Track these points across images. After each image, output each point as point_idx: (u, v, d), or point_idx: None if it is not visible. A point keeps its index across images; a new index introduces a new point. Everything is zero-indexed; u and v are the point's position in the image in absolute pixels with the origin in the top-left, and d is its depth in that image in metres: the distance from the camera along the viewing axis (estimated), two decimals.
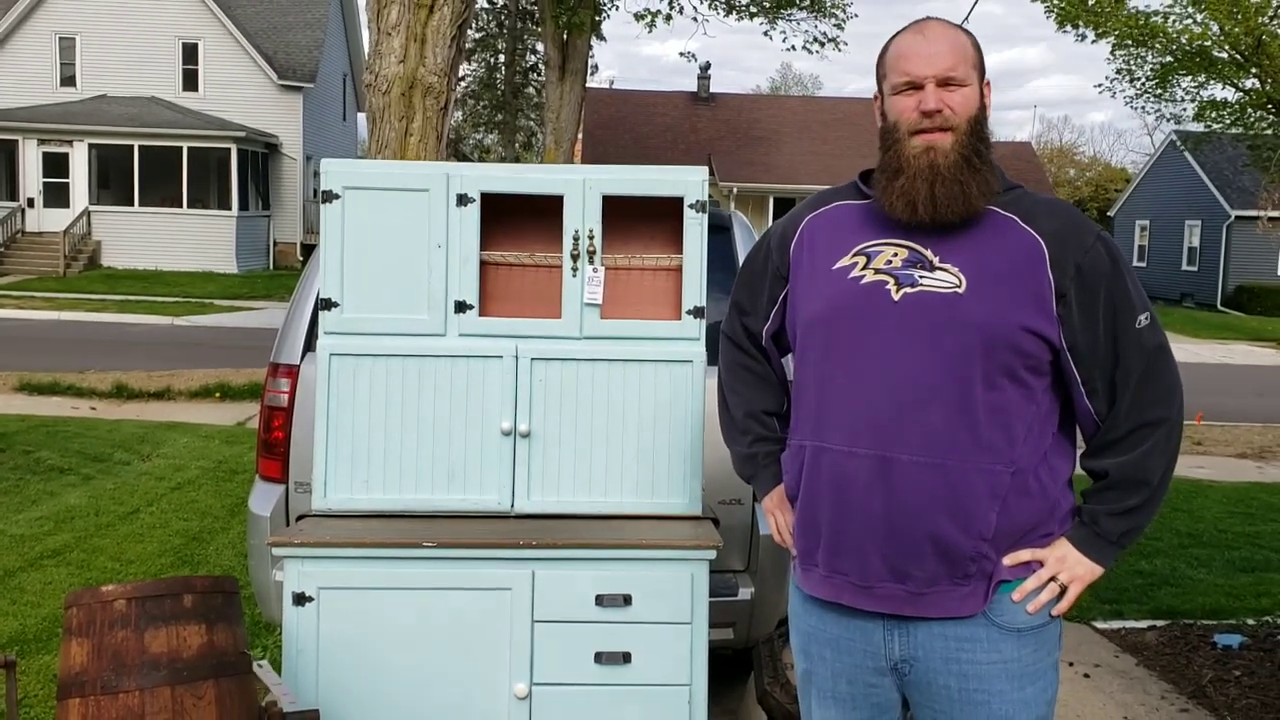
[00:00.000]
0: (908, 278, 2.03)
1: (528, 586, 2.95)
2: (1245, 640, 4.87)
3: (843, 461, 2.04)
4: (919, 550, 2.00)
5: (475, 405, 3.21)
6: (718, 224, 4.12)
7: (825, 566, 2.10)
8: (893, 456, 1.99)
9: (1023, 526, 2.02)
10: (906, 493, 1.99)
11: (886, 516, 2.00)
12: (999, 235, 2.03)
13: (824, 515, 2.08)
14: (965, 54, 2.05)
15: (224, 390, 11.48)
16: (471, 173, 3.20)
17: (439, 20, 6.25)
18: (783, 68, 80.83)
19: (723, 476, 3.93)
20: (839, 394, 2.06)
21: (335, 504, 3.20)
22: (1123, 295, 2.02)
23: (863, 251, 2.09)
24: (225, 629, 2.56)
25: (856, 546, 2.04)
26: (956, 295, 1.99)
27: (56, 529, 6.39)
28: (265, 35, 29.49)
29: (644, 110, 34.57)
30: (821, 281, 2.11)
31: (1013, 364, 1.98)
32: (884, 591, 2.04)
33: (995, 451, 1.98)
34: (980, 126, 2.05)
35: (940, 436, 1.98)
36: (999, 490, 1.98)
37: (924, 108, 2.02)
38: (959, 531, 1.98)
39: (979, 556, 2.00)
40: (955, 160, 2.01)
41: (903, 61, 2.05)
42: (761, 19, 22.31)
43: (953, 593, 2.02)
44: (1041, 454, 2.04)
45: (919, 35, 2.06)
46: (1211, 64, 20.88)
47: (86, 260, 26.65)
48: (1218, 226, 32.77)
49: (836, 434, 2.05)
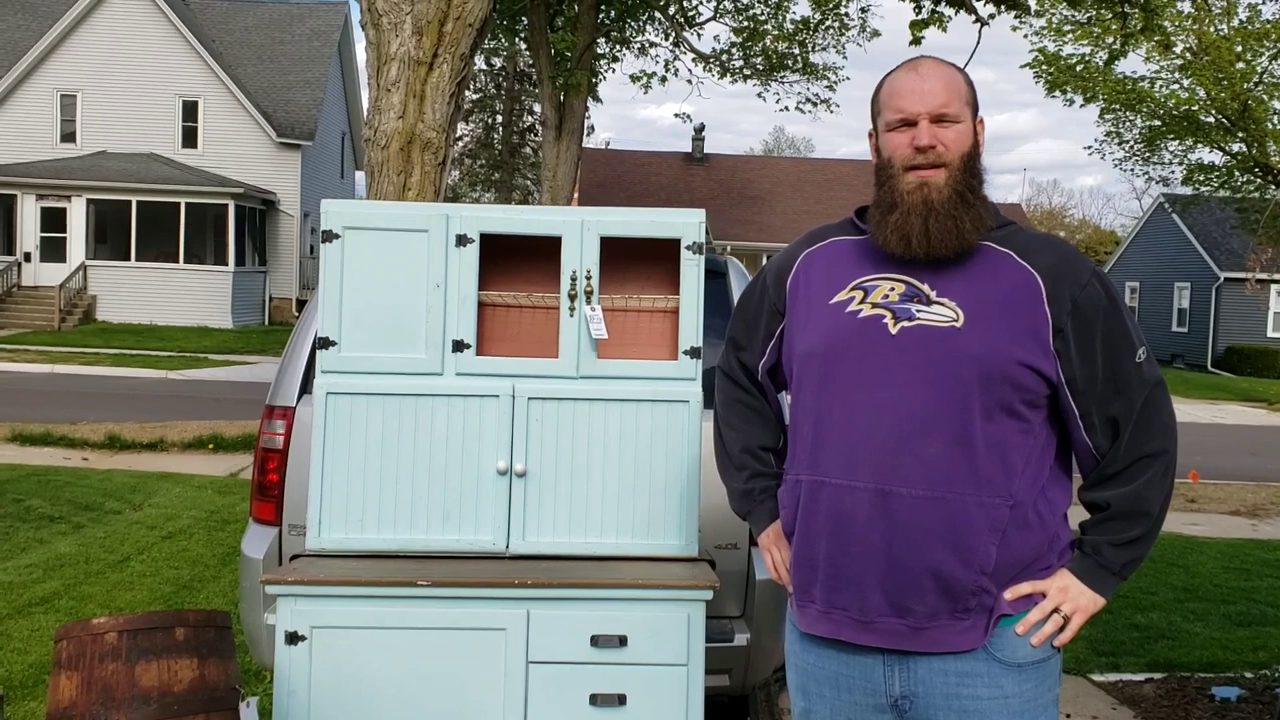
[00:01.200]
0: (905, 311, 2.04)
1: (522, 627, 2.93)
2: (1243, 693, 4.83)
3: (841, 495, 2.03)
4: (920, 584, 1.99)
5: (472, 445, 3.21)
6: (713, 269, 4.15)
7: (823, 602, 2.09)
8: (891, 490, 1.99)
9: (1022, 560, 2.02)
10: (906, 526, 1.98)
11: (887, 550, 2.00)
12: (995, 270, 2.04)
13: (821, 550, 2.07)
14: (958, 91, 2.08)
15: (217, 442, 11.44)
16: (471, 213, 3.23)
17: (438, 77, 6.33)
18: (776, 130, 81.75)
19: (719, 521, 3.92)
20: (836, 427, 2.06)
21: (330, 543, 3.19)
22: (1120, 330, 2.03)
23: (860, 286, 2.10)
24: (217, 663, 2.54)
25: (856, 581, 2.03)
26: (954, 329, 2.00)
27: (45, 576, 6.33)
28: (265, 93, 29.81)
29: (639, 170, 34.91)
30: (818, 316, 2.12)
31: (1010, 398, 1.99)
32: (884, 626, 2.03)
33: (994, 485, 1.98)
34: (973, 162, 2.08)
35: (939, 470, 1.98)
36: (998, 523, 1.98)
37: (917, 143, 2.04)
38: (960, 565, 1.98)
39: (979, 590, 1.99)
40: (949, 195, 2.03)
41: (896, 98, 2.08)
42: (755, 81, 22.63)
43: (953, 626, 2.01)
44: (1039, 487, 2.04)
45: (913, 72, 2.09)
46: (1199, 128, 21.19)
47: (82, 314, 26.66)
48: (1207, 288, 33.00)
49: (834, 467, 2.05)
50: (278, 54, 31.20)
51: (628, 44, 22.48)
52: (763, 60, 22.25)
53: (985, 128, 2.16)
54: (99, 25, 28.81)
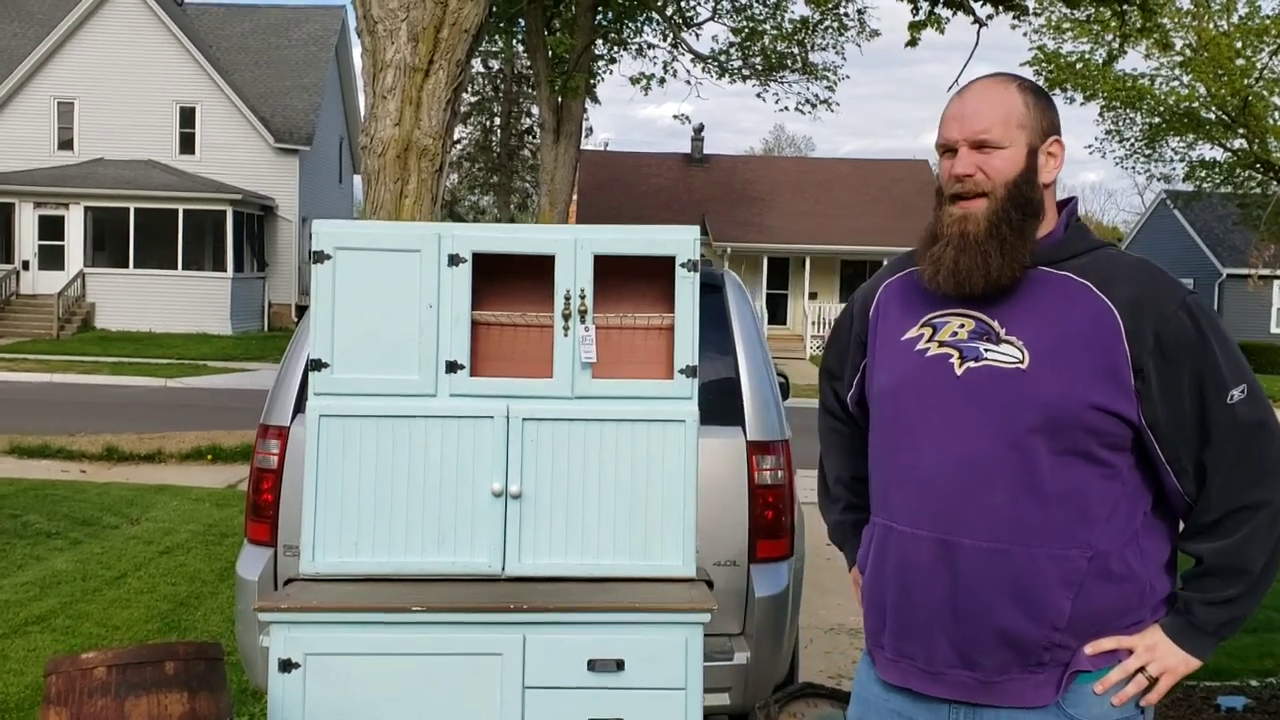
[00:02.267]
0: (972, 351, 1.93)
1: (518, 652, 2.89)
2: (1249, 702, 4.79)
3: (906, 543, 1.96)
4: (987, 639, 1.90)
5: (466, 466, 3.17)
6: (710, 283, 4.11)
7: (892, 650, 2.02)
8: (955, 540, 1.90)
9: (1105, 612, 1.89)
10: (970, 579, 1.89)
11: (952, 603, 1.91)
12: (1070, 303, 1.91)
13: (889, 597, 2.00)
14: (1009, 114, 1.95)
15: (215, 452, 11.40)
16: (463, 233, 3.19)
17: (434, 84, 6.30)
18: (776, 129, 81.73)
19: (717, 538, 3.89)
20: (902, 472, 1.99)
21: (324, 567, 3.15)
22: (1211, 368, 1.87)
23: (929, 323, 2.00)
24: (208, 697, 2.50)
25: (923, 632, 1.96)
26: (1020, 371, 1.88)
27: (42, 594, 6.30)
28: (262, 99, 29.79)
29: (638, 171, 34.88)
30: (890, 353, 2.04)
31: (1086, 442, 1.86)
32: (953, 678, 1.94)
33: (1068, 535, 1.86)
34: (1020, 191, 1.93)
35: (1004, 520, 1.87)
36: (1073, 576, 1.86)
37: (954, 172, 1.95)
38: (1028, 621, 1.87)
39: (1052, 646, 1.89)
40: (985, 229, 1.92)
41: (944, 124, 2.00)
42: (754, 81, 22.61)
43: (1027, 680, 1.91)
44: (1130, 535, 1.91)
45: (960, 97, 2.00)
46: (1199, 125, 21.16)
47: (80, 322, 26.64)
48: (1210, 285, 32.96)
49: (901, 513, 1.98)
50: (274, 59, 31.17)
51: (625, 45, 22.48)
52: (761, 60, 22.24)
53: (1064, 150, 2.02)
54: (95, 32, 28.80)
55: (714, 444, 3.83)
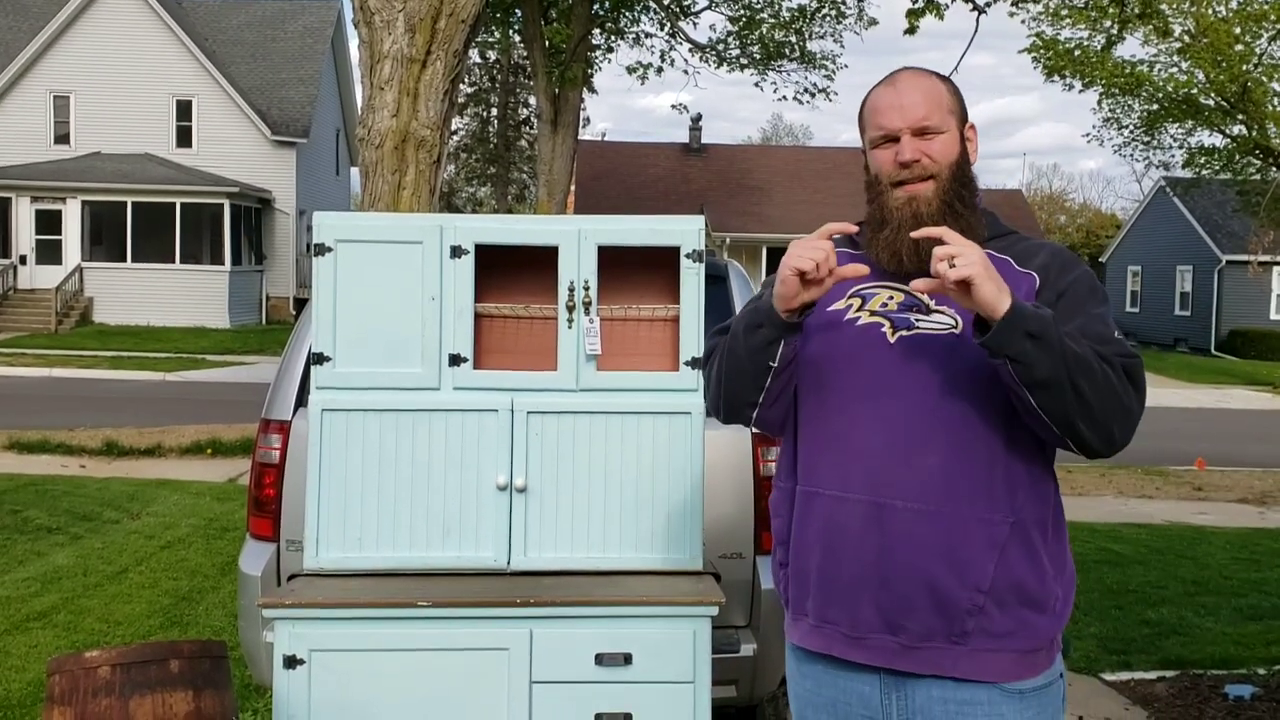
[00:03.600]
0: (903, 320, 1.99)
1: (525, 646, 2.87)
2: (1257, 691, 4.77)
3: (834, 507, 1.99)
4: (913, 600, 1.94)
5: (470, 460, 3.14)
6: (714, 274, 4.08)
7: (815, 616, 2.04)
8: (887, 502, 1.94)
9: (1020, 585, 1.94)
10: (901, 540, 1.93)
11: (879, 565, 1.95)
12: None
13: (814, 562, 2.02)
14: (939, 101, 2.04)
15: (215, 446, 11.38)
16: (465, 224, 3.15)
17: (431, 75, 6.25)
18: (774, 118, 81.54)
19: (723, 531, 3.86)
20: (831, 438, 2.02)
21: (328, 563, 3.12)
22: (1099, 314, 1.96)
23: (857, 294, 2.06)
24: (213, 695, 2.48)
25: (848, 596, 1.99)
26: (954, 336, 1.96)
27: (43, 590, 6.27)
28: (259, 92, 29.69)
29: (636, 162, 34.80)
30: (816, 325, 2.06)
31: (1011, 404, 1.91)
32: (876, 643, 1.98)
33: (993, 500, 1.93)
34: (962, 171, 2.04)
35: (937, 482, 1.93)
36: (996, 540, 1.92)
37: (901, 159, 2.01)
38: (955, 582, 1.92)
39: (975, 610, 1.93)
40: (938, 208, 1.99)
41: (877, 115, 2.06)
42: (752, 70, 22.51)
43: (948, 651, 1.94)
44: (1052, 507, 1.99)
45: (891, 88, 2.07)
46: (1198, 111, 21.09)
47: (79, 317, 26.59)
48: (1209, 271, 32.91)
49: (828, 478, 2.00)
50: (271, 51, 31.07)
51: (622, 35, 22.37)
52: (759, 49, 22.14)
53: (978, 134, 2.11)
54: (91, 26, 28.69)
55: (719, 435, 3.80)
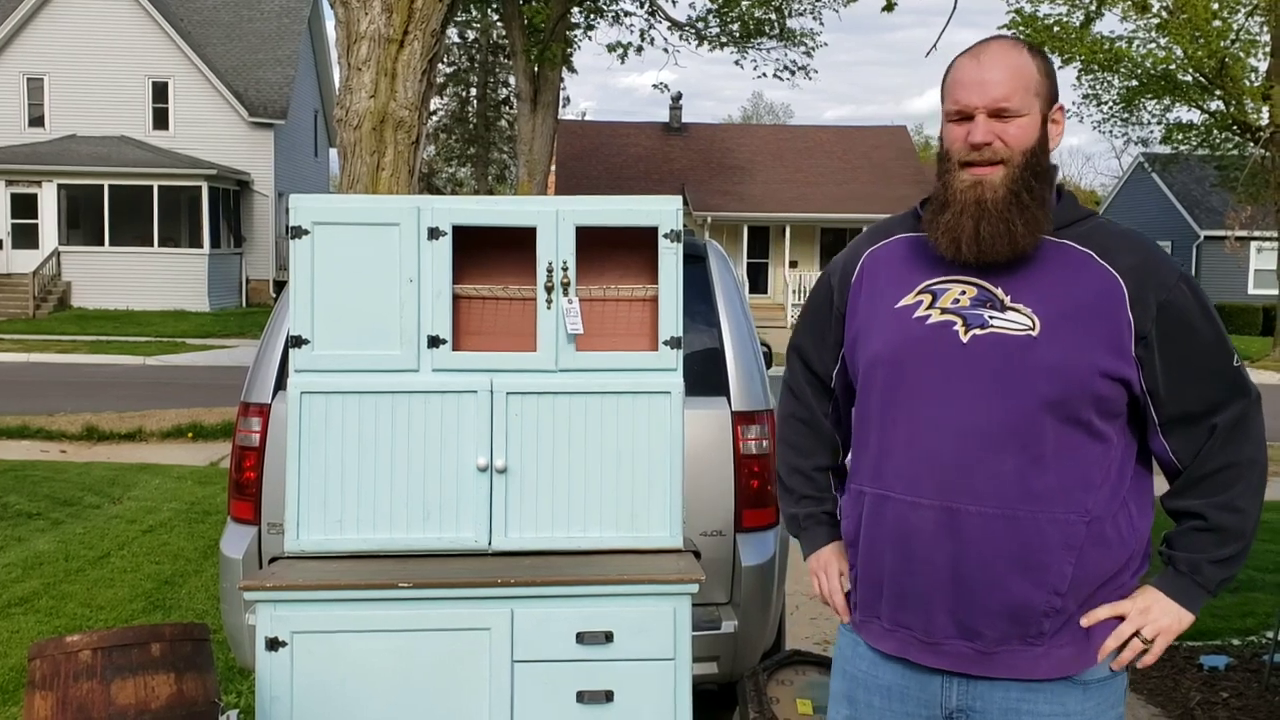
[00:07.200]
0: (977, 318, 1.91)
1: (507, 626, 2.89)
2: (1231, 661, 4.84)
3: (906, 512, 1.94)
4: (988, 608, 1.90)
5: (450, 441, 3.15)
6: (693, 253, 4.09)
7: (889, 620, 2.01)
8: (959, 508, 1.89)
9: (1099, 576, 1.92)
10: (975, 546, 1.88)
11: (953, 571, 1.91)
12: (1075, 272, 1.91)
13: (886, 567, 1.98)
14: (1026, 80, 1.91)
15: (196, 430, 11.34)
16: (443, 205, 3.15)
17: (409, 55, 6.22)
18: (754, 97, 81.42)
19: (704, 508, 3.89)
20: (901, 440, 1.96)
21: (309, 545, 3.13)
22: (1214, 339, 1.93)
23: (928, 289, 1.97)
24: (195, 678, 2.49)
25: (921, 601, 1.95)
26: (1030, 338, 1.88)
27: (25, 575, 6.26)
28: (236, 73, 29.44)
29: (616, 141, 34.71)
30: (883, 321, 2.01)
31: (1087, 410, 1.87)
32: (951, 649, 1.94)
33: (1070, 500, 1.88)
34: (1037, 160, 1.92)
35: (1011, 487, 1.87)
36: (1074, 540, 1.88)
37: (972, 139, 1.91)
38: (1032, 586, 1.88)
39: (1052, 612, 1.90)
40: (1004, 196, 1.89)
41: (956, 88, 1.93)
42: (732, 48, 22.47)
43: (1024, 653, 1.92)
44: (1120, 501, 1.93)
45: (974, 60, 1.93)
46: (1176, 87, 21.16)
47: (56, 301, 26.39)
48: (1187, 247, 33.09)
49: (899, 482, 1.95)
50: (246, 32, 30.78)
51: (602, 13, 22.27)
52: (739, 26, 22.09)
53: (1065, 116, 2.00)
54: (64, 7, 28.35)
55: (699, 414, 3.82)
